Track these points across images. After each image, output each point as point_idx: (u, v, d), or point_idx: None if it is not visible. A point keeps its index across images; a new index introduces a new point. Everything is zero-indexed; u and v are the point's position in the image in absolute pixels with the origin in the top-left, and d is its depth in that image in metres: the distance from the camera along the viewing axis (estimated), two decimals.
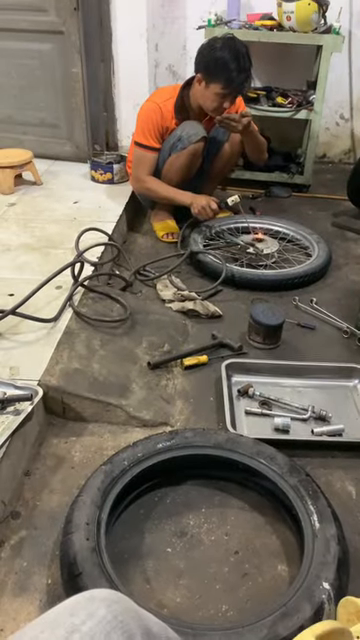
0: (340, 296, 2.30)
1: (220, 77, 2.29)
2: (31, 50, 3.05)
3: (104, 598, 0.67)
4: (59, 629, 0.62)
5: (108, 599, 0.66)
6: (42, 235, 2.44)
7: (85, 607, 0.65)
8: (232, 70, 2.26)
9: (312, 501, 1.27)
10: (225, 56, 2.25)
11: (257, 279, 2.31)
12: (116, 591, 0.70)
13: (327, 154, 3.91)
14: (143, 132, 2.51)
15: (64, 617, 0.64)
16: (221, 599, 1.18)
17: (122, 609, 0.66)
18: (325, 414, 1.65)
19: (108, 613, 0.64)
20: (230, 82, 2.29)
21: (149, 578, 1.22)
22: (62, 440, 1.57)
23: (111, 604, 0.66)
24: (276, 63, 3.42)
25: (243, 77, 2.31)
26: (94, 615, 0.63)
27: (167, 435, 1.45)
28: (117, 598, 0.68)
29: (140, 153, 2.56)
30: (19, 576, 1.21)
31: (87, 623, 0.63)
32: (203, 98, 2.40)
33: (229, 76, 2.28)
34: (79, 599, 0.67)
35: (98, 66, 3.10)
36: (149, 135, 2.50)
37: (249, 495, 1.42)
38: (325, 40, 2.93)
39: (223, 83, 2.30)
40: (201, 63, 2.34)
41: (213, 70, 2.30)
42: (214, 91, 2.34)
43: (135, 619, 0.66)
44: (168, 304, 2.17)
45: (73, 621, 0.63)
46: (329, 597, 1.07)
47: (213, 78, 2.31)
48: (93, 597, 0.67)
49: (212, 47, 2.31)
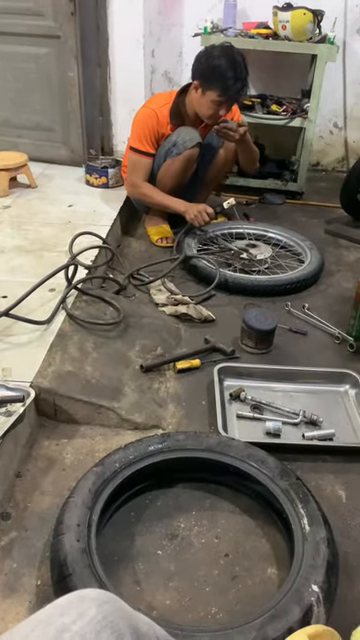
0: (332, 302, 2.32)
1: (216, 85, 2.31)
2: (28, 54, 3.06)
3: (94, 598, 0.67)
4: (50, 628, 0.63)
5: (98, 599, 0.67)
6: (36, 238, 2.45)
7: (76, 607, 0.65)
8: (229, 78, 2.28)
9: (302, 504, 1.28)
10: (222, 64, 2.27)
11: (250, 284, 2.32)
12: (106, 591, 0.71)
13: (321, 162, 3.94)
14: (139, 137, 2.52)
15: (55, 616, 0.64)
16: (211, 601, 1.19)
17: (112, 609, 0.66)
18: (316, 419, 1.66)
19: (98, 613, 0.64)
20: (226, 90, 2.32)
21: (139, 580, 1.22)
22: (53, 442, 1.57)
23: (101, 604, 0.66)
24: (271, 71, 3.46)
25: (239, 86, 2.33)
26: (84, 615, 0.64)
27: (159, 438, 1.45)
28: (107, 598, 0.68)
29: (135, 158, 2.57)
30: (8, 577, 1.21)
31: (77, 622, 0.63)
32: (199, 105, 2.42)
33: (225, 84, 2.30)
34: (70, 599, 0.67)
35: (94, 71, 3.13)
36: (145, 140, 2.51)
37: (240, 498, 1.42)
38: (320, 49, 2.96)
39: (219, 91, 2.32)
40: (198, 70, 2.36)
41: (210, 78, 2.32)
42: (210, 98, 2.36)
43: (125, 619, 0.66)
44: (161, 308, 2.18)
45: (64, 620, 0.63)
46: (318, 600, 1.08)
47: (209, 86, 2.33)
48: (83, 597, 0.67)
49: (209, 55, 2.33)
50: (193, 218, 2.52)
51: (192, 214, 2.51)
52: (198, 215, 2.50)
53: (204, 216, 2.50)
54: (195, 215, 2.51)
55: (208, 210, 2.50)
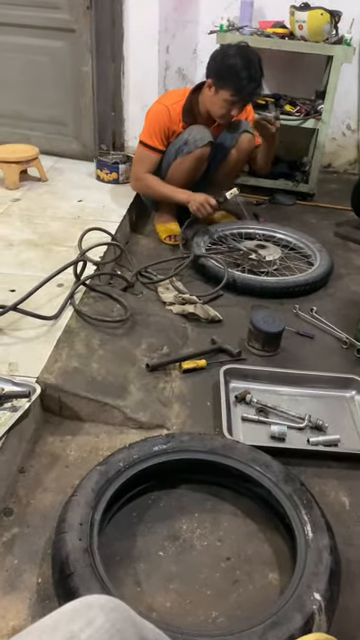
0: (340, 306, 2.31)
1: (230, 84, 2.29)
2: (42, 47, 3.05)
3: (102, 605, 0.66)
4: (57, 635, 0.62)
5: (106, 607, 0.66)
6: (45, 232, 2.44)
7: (83, 614, 0.65)
8: (243, 78, 2.27)
9: (306, 510, 1.27)
10: (237, 63, 2.26)
11: (258, 285, 2.31)
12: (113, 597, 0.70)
13: (332, 164, 3.92)
14: (149, 133, 2.51)
15: (62, 624, 0.64)
16: (211, 605, 1.18)
17: (120, 617, 0.66)
18: (321, 424, 1.65)
19: (106, 621, 0.64)
20: (240, 90, 2.30)
21: (140, 581, 1.22)
22: (58, 438, 1.57)
23: (109, 612, 0.65)
24: (286, 71, 3.43)
25: (253, 86, 2.31)
26: (92, 623, 0.63)
27: (163, 438, 1.45)
28: (114, 605, 0.67)
29: (143, 152, 2.56)
30: (9, 574, 1.21)
31: (86, 631, 0.63)
32: (211, 104, 2.41)
33: (239, 84, 2.28)
34: (77, 606, 0.67)
35: (108, 66, 3.11)
36: (154, 136, 2.50)
37: (243, 502, 1.42)
38: (336, 51, 2.94)
39: (233, 90, 2.30)
40: (212, 69, 2.35)
41: (224, 77, 2.30)
42: (223, 97, 2.34)
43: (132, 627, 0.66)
44: (168, 307, 2.17)
45: (72, 628, 0.63)
46: (320, 608, 1.07)
47: (223, 85, 2.31)
48: (91, 604, 0.67)
49: (225, 54, 2.31)
50: (195, 210, 2.50)
51: (195, 205, 2.49)
52: (201, 207, 2.48)
53: (207, 207, 2.48)
54: (198, 207, 2.49)
55: (211, 201, 2.47)
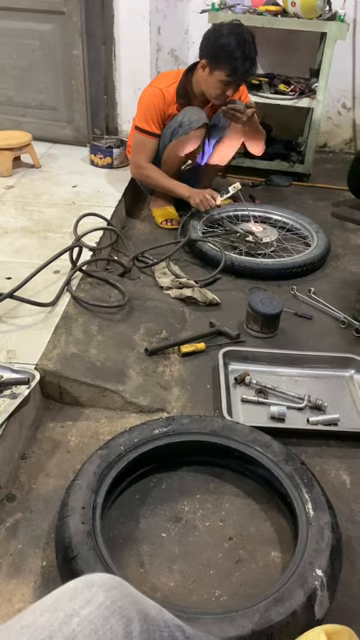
0: (338, 286, 2.30)
1: (225, 64, 2.26)
2: (32, 30, 3.01)
3: (103, 583, 0.67)
4: (58, 613, 0.63)
5: (107, 584, 0.67)
6: (40, 219, 2.42)
7: (84, 592, 0.65)
8: (237, 58, 2.23)
9: (307, 489, 1.28)
10: (231, 43, 2.22)
11: (256, 268, 2.30)
12: (114, 575, 0.71)
13: (328, 143, 3.89)
14: (145, 117, 2.48)
15: (63, 601, 0.65)
16: (214, 584, 1.19)
17: (120, 594, 0.66)
18: (321, 403, 1.65)
19: (107, 598, 0.65)
20: (235, 70, 2.27)
21: (143, 562, 1.23)
22: (58, 424, 1.57)
23: (109, 589, 0.66)
24: (279, 50, 3.39)
25: (248, 65, 2.28)
26: (93, 600, 0.64)
27: (163, 421, 1.45)
28: (115, 583, 0.68)
29: (140, 138, 2.53)
30: (14, 558, 1.22)
31: (86, 608, 0.63)
32: (206, 84, 2.38)
33: (234, 64, 2.25)
34: (78, 584, 0.67)
35: (99, 49, 3.07)
36: (150, 120, 2.47)
37: (244, 482, 1.43)
38: (329, 27, 2.90)
39: (227, 70, 2.27)
40: (206, 49, 2.31)
41: (218, 57, 2.27)
42: (218, 78, 2.31)
43: (133, 604, 0.66)
44: (166, 291, 2.17)
45: (72, 605, 0.64)
46: (322, 584, 1.08)
47: (218, 65, 2.28)
48: (92, 582, 0.67)
49: (218, 33, 2.28)
50: (198, 203, 2.50)
51: (197, 199, 2.49)
52: (204, 200, 2.48)
53: (210, 201, 2.48)
54: (200, 200, 2.48)
55: (215, 195, 2.47)
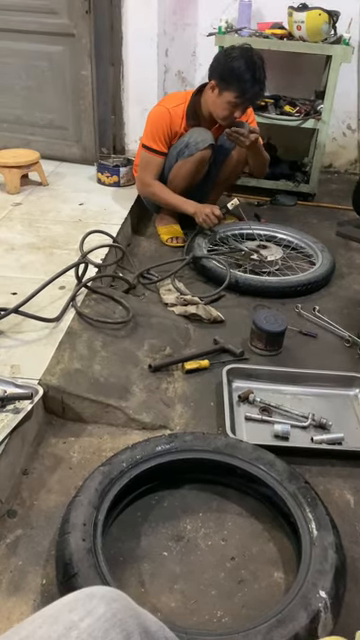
0: (343, 305, 2.30)
1: (234, 86, 2.30)
2: (42, 52, 3.07)
3: (103, 595, 0.66)
4: (57, 625, 0.62)
5: (107, 597, 0.66)
6: (47, 235, 2.45)
7: (84, 604, 0.64)
8: (247, 81, 2.27)
9: (310, 508, 1.27)
10: (241, 66, 2.26)
11: (260, 285, 2.31)
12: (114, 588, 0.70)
13: (333, 164, 3.92)
14: (152, 136, 2.51)
15: (63, 613, 0.64)
16: (216, 605, 1.18)
17: (121, 607, 0.65)
18: (325, 422, 1.64)
19: (107, 611, 0.64)
20: (243, 92, 2.30)
21: (144, 581, 1.21)
22: (61, 440, 1.56)
23: (110, 602, 0.65)
24: (285, 72, 3.44)
25: (257, 89, 2.31)
26: (93, 612, 0.63)
27: (166, 438, 1.44)
28: (116, 596, 0.67)
29: (147, 156, 2.56)
30: (14, 575, 1.21)
31: (86, 620, 0.62)
32: (214, 105, 2.41)
33: (243, 86, 2.28)
34: (78, 596, 0.66)
35: (108, 70, 3.13)
36: (157, 139, 2.51)
37: (247, 501, 1.41)
38: (335, 50, 2.94)
39: (236, 92, 2.31)
40: (216, 71, 2.35)
41: (227, 79, 2.30)
42: (226, 99, 2.34)
43: (133, 617, 0.65)
44: (170, 308, 2.17)
45: (72, 617, 0.63)
46: (325, 606, 1.06)
47: (227, 87, 2.31)
48: (92, 594, 0.66)
49: (228, 56, 2.31)
50: (202, 222, 2.52)
51: (201, 217, 2.51)
52: (207, 218, 2.50)
53: (213, 219, 2.50)
54: (204, 219, 2.51)
55: (216, 212, 2.49)
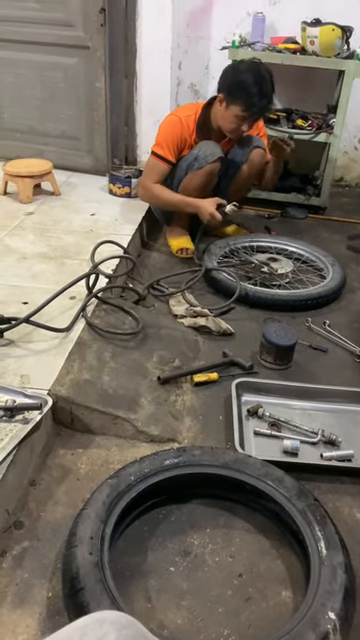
0: (353, 319, 2.29)
1: (241, 100, 2.31)
2: (57, 63, 3.10)
3: (114, 621, 0.66)
4: None
5: (118, 622, 0.65)
6: (58, 245, 2.46)
7: (95, 630, 0.64)
8: (254, 95, 2.28)
9: (320, 527, 1.25)
10: (248, 80, 2.28)
11: (271, 298, 2.30)
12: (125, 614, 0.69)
13: (344, 178, 3.92)
14: (161, 143, 2.52)
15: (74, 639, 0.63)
16: (223, 623, 1.16)
17: (131, 634, 0.65)
18: (335, 438, 1.63)
19: (118, 637, 0.63)
20: (250, 106, 2.31)
21: (151, 597, 1.20)
22: (69, 451, 1.56)
23: (121, 628, 0.65)
24: (298, 86, 3.45)
25: (264, 103, 2.33)
26: (104, 639, 0.62)
27: (174, 452, 1.44)
28: (127, 622, 0.67)
29: (153, 161, 2.57)
30: (19, 587, 1.20)
31: None
32: (222, 119, 2.43)
33: (250, 100, 2.30)
34: (89, 621, 0.66)
35: (121, 82, 3.15)
36: (166, 147, 2.51)
37: (255, 517, 1.40)
38: (347, 65, 2.95)
39: (243, 106, 2.32)
40: (224, 84, 2.37)
41: (235, 92, 2.32)
42: (234, 113, 2.36)
43: None
44: (180, 319, 2.17)
45: None
46: (334, 627, 1.05)
47: (234, 100, 2.33)
48: (103, 620, 0.66)
49: (236, 69, 2.34)
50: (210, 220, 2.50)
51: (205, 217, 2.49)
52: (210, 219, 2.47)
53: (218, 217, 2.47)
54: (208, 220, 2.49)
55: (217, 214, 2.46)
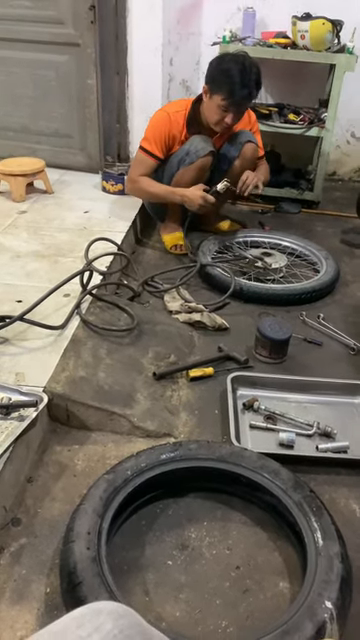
0: (347, 313, 2.30)
1: (222, 88, 2.30)
2: (48, 61, 3.09)
3: (111, 611, 0.66)
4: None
5: (115, 612, 0.66)
6: (52, 243, 2.45)
7: (92, 620, 0.64)
8: (235, 83, 2.27)
9: (316, 518, 1.26)
10: (231, 68, 2.28)
11: (265, 293, 2.31)
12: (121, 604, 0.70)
13: (337, 172, 3.92)
14: (149, 138, 2.52)
15: (71, 628, 0.64)
16: (221, 614, 1.17)
17: (128, 623, 0.65)
18: (330, 430, 1.64)
19: (114, 627, 0.64)
20: (232, 94, 2.30)
21: (149, 590, 1.21)
22: (65, 448, 1.56)
23: (118, 618, 0.65)
24: (289, 80, 3.45)
25: (245, 92, 2.31)
26: (100, 629, 0.63)
27: (171, 446, 1.44)
28: (123, 612, 0.67)
29: (140, 156, 2.56)
30: (18, 583, 1.20)
31: (93, 636, 0.62)
32: (207, 110, 2.43)
33: (232, 88, 2.28)
34: (86, 611, 0.66)
35: (113, 79, 3.14)
36: (154, 142, 2.51)
37: (252, 510, 1.40)
38: (338, 59, 2.96)
39: (225, 94, 2.31)
40: (209, 74, 2.37)
41: (217, 80, 2.32)
42: (216, 102, 2.35)
43: (140, 634, 0.65)
44: (175, 315, 2.17)
45: (80, 633, 0.63)
46: (331, 617, 1.06)
47: (216, 89, 2.33)
48: (100, 610, 0.66)
49: (221, 59, 2.35)
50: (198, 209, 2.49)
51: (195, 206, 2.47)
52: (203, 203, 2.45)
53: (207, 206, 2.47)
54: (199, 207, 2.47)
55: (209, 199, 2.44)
